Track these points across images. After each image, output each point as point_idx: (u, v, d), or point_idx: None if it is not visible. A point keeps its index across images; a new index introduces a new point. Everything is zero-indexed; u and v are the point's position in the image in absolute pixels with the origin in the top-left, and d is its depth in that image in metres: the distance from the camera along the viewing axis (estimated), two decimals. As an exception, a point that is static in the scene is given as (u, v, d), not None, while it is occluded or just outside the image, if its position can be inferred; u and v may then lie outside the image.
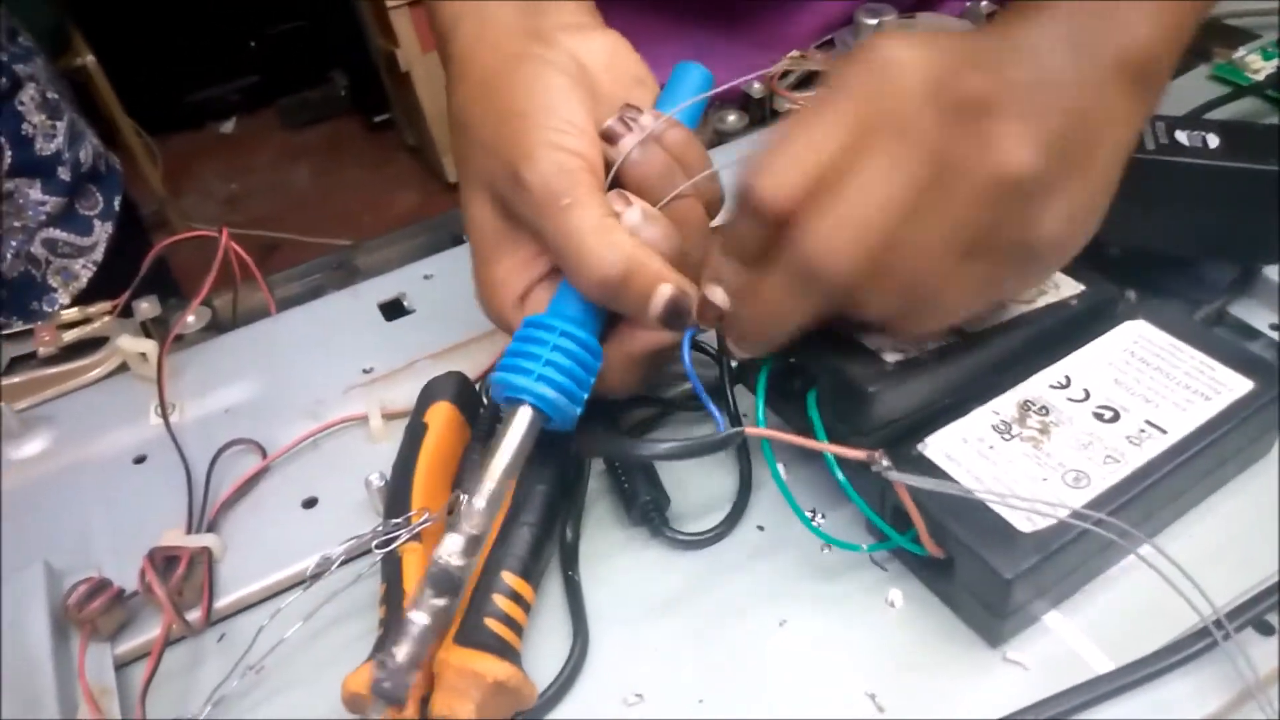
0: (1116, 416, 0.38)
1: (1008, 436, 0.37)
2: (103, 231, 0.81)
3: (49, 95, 0.78)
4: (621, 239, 0.37)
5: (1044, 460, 0.36)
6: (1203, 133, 0.44)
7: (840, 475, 0.37)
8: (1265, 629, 0.35)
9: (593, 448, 0.42)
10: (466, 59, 0.42)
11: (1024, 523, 0.34)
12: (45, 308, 0.78)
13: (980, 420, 0.38)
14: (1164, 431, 0.37)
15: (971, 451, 0.37)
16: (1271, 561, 0.36)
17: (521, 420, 0.36)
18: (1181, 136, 0.43)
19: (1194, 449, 0.36)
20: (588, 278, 0.37)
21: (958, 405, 0.38)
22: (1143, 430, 0.37)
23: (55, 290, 0.78)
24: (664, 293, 0.37)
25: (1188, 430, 0.37)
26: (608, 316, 0.40)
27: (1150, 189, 0.42)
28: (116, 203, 0.83)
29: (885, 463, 0.34)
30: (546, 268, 0.40)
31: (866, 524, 0.39)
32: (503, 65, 0.40)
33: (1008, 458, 0.37)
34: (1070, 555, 0.35)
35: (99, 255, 0.81)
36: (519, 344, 0.38)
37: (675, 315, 0.37)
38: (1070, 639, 0.35)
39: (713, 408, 0.37)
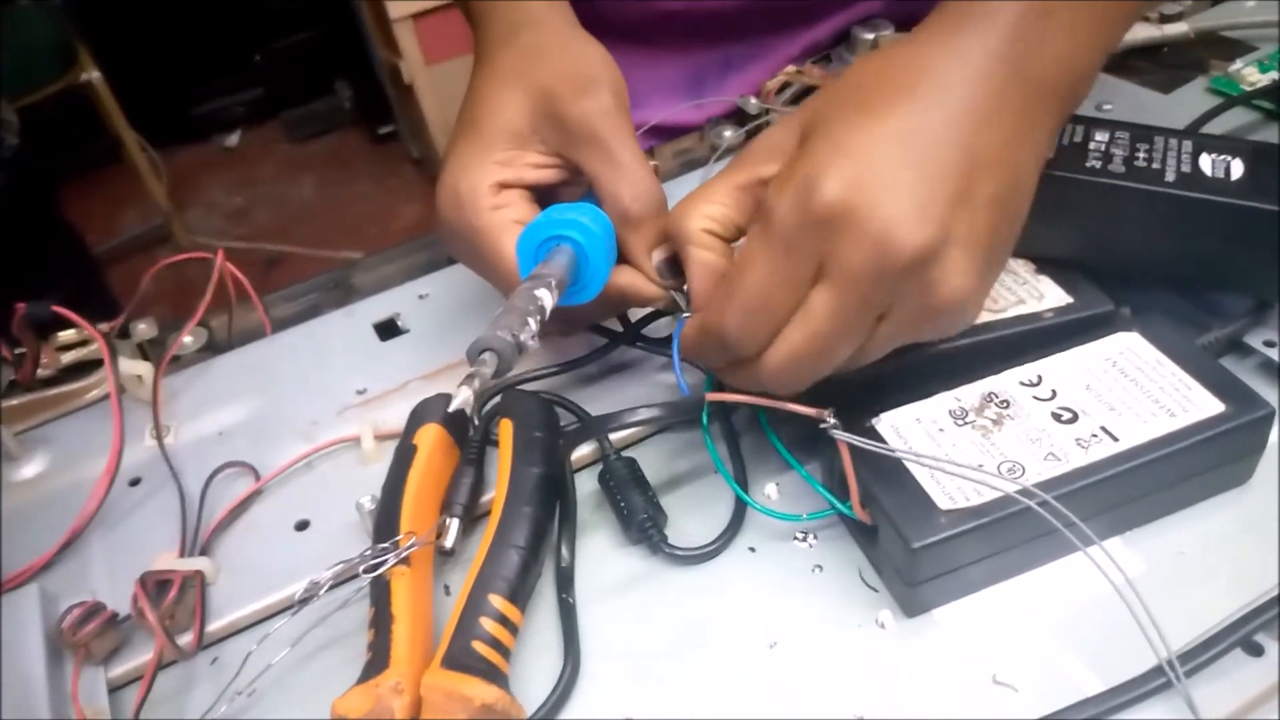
0: (1074, 419, 0.38)
1: (961, 422, 0.38)
2: None
3: None
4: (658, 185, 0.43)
5: (987, 449, 0.37)
6: (1228, 158, 0.42)
7: (778, 443, 0.40)
8: (1255, 650, 0.34)
9: (572, 437, 0.43)
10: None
11: (944, 500, 0.35)
12: None
13: (939, 404, 0.39)
14: (1115, 439, 0.37)
15: (921, 431, 0.38)
16: (1245, 582, 0.36)
17: (562, 255, 0.39)
18: (1205, 163, 0.42)
19: (1139, 460, 0.36)
20: (631, 193, 0.42)
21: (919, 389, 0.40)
22: (1094, 435, 0.37)
23: None
24: (663, 251, 0.42)
25: (1139, 441, 0.36)
26: None
27: (1160, 220, 0.42)
28: None
29: (832, 420, 0.36)
30: (532, 180, 0.44)
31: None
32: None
33: (953, 441, 0.37)
34: (986, 536, 0.35)
35: None
36: (549, 215, 0.40)
37: (668, 268, 0.42)
38: (1060, 661, 0.35)
39: (681, 379, 0.40)
